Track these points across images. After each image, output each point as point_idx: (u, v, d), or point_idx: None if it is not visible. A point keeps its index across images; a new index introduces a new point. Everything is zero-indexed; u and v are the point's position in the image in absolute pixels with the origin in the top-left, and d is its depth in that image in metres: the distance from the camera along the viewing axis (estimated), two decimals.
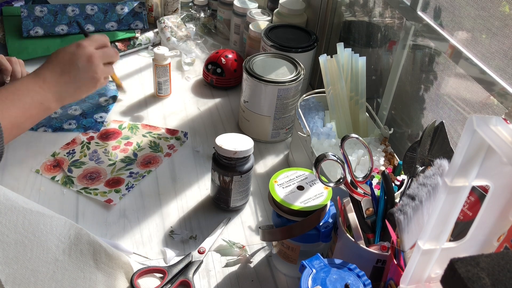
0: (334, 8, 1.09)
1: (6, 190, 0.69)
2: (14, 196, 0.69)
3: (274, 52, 1.00)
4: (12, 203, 0.66)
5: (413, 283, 0.49)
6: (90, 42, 0.81)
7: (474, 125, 0.37)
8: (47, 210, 0.69)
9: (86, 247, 0.65)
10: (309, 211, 0.65)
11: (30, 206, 0.68)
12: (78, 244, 0.66)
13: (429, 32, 0.76)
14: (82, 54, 0.79)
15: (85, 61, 0.79)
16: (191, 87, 1.15)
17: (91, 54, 0.79)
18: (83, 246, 0.66)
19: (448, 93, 0.76)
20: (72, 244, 0.65)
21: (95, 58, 0.80)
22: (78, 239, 0.66)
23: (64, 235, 0.66)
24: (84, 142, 0.93)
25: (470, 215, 0.54)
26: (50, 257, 0.64)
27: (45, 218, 0.67)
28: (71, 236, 0.66)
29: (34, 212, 0.67)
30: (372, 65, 0.96)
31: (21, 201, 0.68)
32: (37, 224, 0.66)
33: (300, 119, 0.82)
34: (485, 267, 0.35)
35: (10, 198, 0.67)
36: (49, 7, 1.20)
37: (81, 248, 0.65)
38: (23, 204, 0.67)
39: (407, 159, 0.67)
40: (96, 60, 0.80)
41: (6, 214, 0.65)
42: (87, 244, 0.66)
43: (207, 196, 0.85)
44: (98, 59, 0.80)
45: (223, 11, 1.31)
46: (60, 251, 0.65)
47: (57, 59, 0.79)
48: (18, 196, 0.70)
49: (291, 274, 0.72)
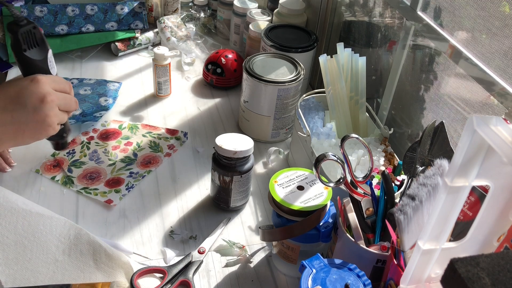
0: (334, 8, 1.09)
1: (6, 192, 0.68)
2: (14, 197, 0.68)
3: (274, 52, 1.00)
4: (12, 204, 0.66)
5: (413, 283, 0.49)
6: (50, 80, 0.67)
7: (474, 125, 0.37)
8: (47, 211, 0.69)
9: (86, 247, 0.66)
10: (309, 211, 0.65)
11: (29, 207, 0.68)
12: (78, 244, 0.66)
13: (429, 32, 0.76)
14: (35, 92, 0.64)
15: (37, 100, 0.64)
16: (191, 87, 1.15)
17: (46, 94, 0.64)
18: (83, 246, 0.66)
19: (448, 93, 0.76)
20: (72, 244, 0.65)
21: (50, 100, 0.65)
22: (78, 239, 0.66)
23: (64, 236, 0.66)
24: (84, 142, 0.93)
25: (470, 215, 0.54)
26: (50, 258, 0.64)
27: (44, 219, 0.67)
28: (71, 236, 0.66)
29: (34, 213, 0.67)
30: (372, 65, 0.96)
31: (20, 202, 0.68)
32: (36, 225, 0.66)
33: (300, 119, 0.82)
34: (485, 267, 0.35)
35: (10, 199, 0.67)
36: (49, 7, 1.20)
37: (80, 248, 0.65)
38: (23, 205, 0.67)
39: (407, 159, 0.67)
40: (52, 102, 0.65)
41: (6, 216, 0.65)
42: (87, 244, 0.66)
43: (207, 196, 0.85)
44: (54, 101, 0.65)
45: (223, 11, 1.31)
46: (60, 251, 0.65)
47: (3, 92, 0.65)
48: (18, 197, 0.69)
49: (291, 274, 0.72)
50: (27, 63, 0.69)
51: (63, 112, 0.68)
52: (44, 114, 0.65)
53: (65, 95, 0.68)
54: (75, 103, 0.70)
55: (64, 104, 0.68)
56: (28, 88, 0.64)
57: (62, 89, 0.68)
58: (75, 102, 0.70)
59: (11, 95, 0.64)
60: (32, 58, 0.69)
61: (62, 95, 0.68)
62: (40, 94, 0.64)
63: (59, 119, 0.68)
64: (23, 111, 0.64)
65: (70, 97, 0.69)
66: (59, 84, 0.67)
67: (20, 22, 0.68)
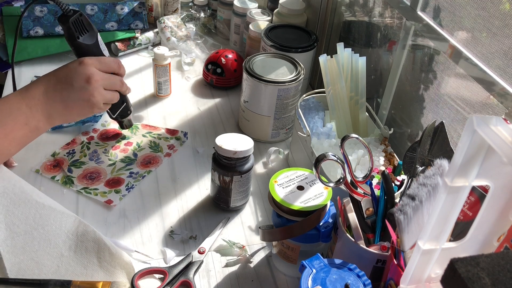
0: (334, 8, 1.09)
1: (23, 183, 0.71)
2: (29, 189, 0.70)
3: (274, 52, 1.00)
4: (26, 195, 0.68)
5: (413, 283, 0.49)
6: (96, 62, 0.73)
7: (474, 125, 0.37)
8: (59, 206, 0.70)
9: (91, 245, 0.66)
10: (309, 211, 0.65)
11: (43, 200, 0.69)
12: (84, 241, 0.66)
13: (429, 32, 0.76)
14: (81, 73, 0.71)
15: (83, 80, 0.71)
16: (191, 87, 1.15)
17: (91, 75, 0.71)
18: (89, 244, 0.66)
19: (448, 93, 0.76)
20: (79, 241, 0.66)
21: (94, 80, 0.71)
22: (85, 235, 0.67)
23: (72, 232, 0.67)
24: (84, 142, 0.93)
25: (470, 215, 0.54)
26: (56, 252, 0.65)
27: (55, 214, 0.68)
28: (79, 233, 0.67)
29: (46, 207, 0.68)
30: (372, 65, 0.96)
31: (35, 195, 0.70)
32: (47, 218, 0.67)
33: (300, 119, 0.82)
34: (485, 267, 0.35)
35: (25, 191, 0.69)
36: (49, 7, 1.20)
37: (86, 246, 0.66)
38: (37, 198, 0.69)
39: (407, 159, 0.67)
40: (96, 82, 0.72)
41: (20, 205, 0.67)
42: (92, 241, 0.66)
43: (207, 196, 0.85)
44: (98, 82, 0.72)
45: (223, 11, 1.31)
46: (66, 247, 0.66)
47: (54, 74, 0.72)
48: (34, 189, 0.71)
49: (291, 274, 0.72)
50: (82, 49, 0.77)
51: (109, 91, 0.75)
52: (89, 94, 0.71)
53: (110, 75, 0.75)
54: (120, 82, 0.77)
55: (109, 84, 0.75)
56: (75, 69, 0.71)
57: (108, 69, 0.75)
58: (120, 81, 0.77)
59: (61, 76, 0.71)
60: (85, 43, 0.76)
61: (107, 75, 0.74)
62: (86, 75, 0.71)
63: (105, 98, 0.75)
64: (71, 91, 0.71)
65: (114, 77, 0.76)
66: (106, 64, 0.74)
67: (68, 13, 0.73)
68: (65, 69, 0.72)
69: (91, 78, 0.71)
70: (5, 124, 0.67)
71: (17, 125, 0.68)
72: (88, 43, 0.76)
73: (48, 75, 0.72)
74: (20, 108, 0.68)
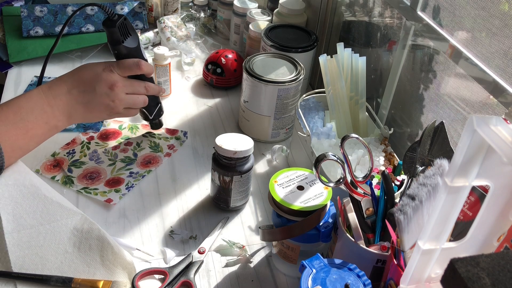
0: (334, 8, 1.09)
1: (32, 176, 0.71)
2: (39, 182, 0.71)
3: (274, 52, 1.00)
4: (36, 189, 0.69)
5: (413, 283, 0.49)
6: (121, 68, 0.75)
7: (474, 125, 0.37)
8: (67, 202, 0.71)
9: (95, 243, 0.66)
10: (309, 211, 0.65)
11: (51, 195, 0.70)
12: (88, 238, 0.67)
13: (429, 32, 0.76)
14: (106, 79, 0.73)
15: (106, 87, 0.73)
16: (191, 87, 1.15)
17: (114, 82, 0.73)
18: (93, 241, 0.66)
19: (448, 93, 0.76)
20: (83, 238, 0.67)
21: (117, 87, 0.74)
22: (89, 233, 0.67)
23: (78, 229, 0.67)
24: (84, 142, 0.93)
25: (470, 215, 0.54)
26: (60, 248, 0.66)
27: (63, 210, 0.69)
28: (84, 230, 0.67)
29: (54, 202, 0.68)
30: (372, 64, 0.96)
31: (44, 189, 0.70)
32: (54, 214, 0.68)
33: (300, 119, 0.82)
34: (485, 267, 0.35)
35: (35, 184, 0.70)
36: (49, 7, 1.20)
37: (90, 243, 0.66)
38: (46, 192, 0.69)
39: (407, 159, 0.67)
40: (118, 88, 0.74)
41: (28, 198, 0.67)
42: (97, 239, 0.67)
43: (207, 196, 0.85)
44: (120, 88, 0.74)
45: (223, 11, 1.31)
46: (71, 244, 0.66)
47: (79, 74, 0.74)
48: (42, 183, 0.72)
49: (291, 274, 0.72)
50: (125, 52, 0.78)
51: (131, 96, 0.77)
52: (110, 99, 0.74)
53: (132, 81, 0.77)
54: (144, 88, 0.79)
55: (131, 90, 0.77)
56: (99, 75, 0.73)
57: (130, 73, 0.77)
58: (144, 87, 0.79)
59: (85, 78, 0.73)
60: (129, 47, 0.78)
61: (129, 81, 0.76)
62: (109, 82, 0.73)
63: (126, 103, 0.77)
64: (92, 94, 0.72)
65: (138, 83, 0.78)
66: (127, 68, 0.76)
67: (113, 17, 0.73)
68: (89, 72, 0.73)
69: (114, 86, 0.74)
70: (27, 122, 0.69)
71: (38, 123, 0.70)
72: (131, 47, 0.77)
73: (72, 75, 0.74)
74: (43, 107, 0.70)
